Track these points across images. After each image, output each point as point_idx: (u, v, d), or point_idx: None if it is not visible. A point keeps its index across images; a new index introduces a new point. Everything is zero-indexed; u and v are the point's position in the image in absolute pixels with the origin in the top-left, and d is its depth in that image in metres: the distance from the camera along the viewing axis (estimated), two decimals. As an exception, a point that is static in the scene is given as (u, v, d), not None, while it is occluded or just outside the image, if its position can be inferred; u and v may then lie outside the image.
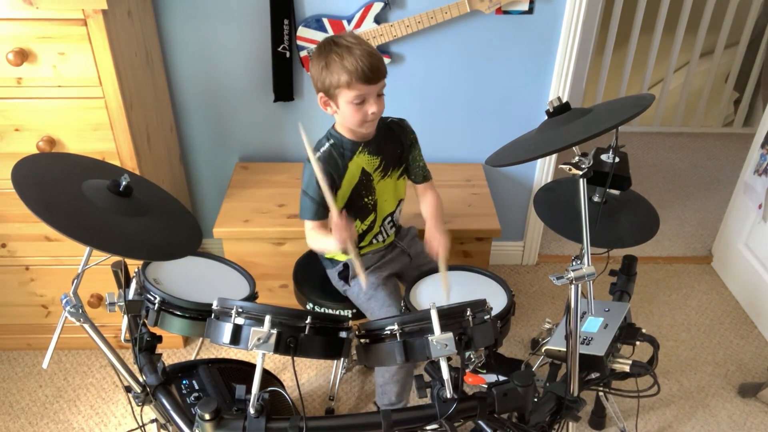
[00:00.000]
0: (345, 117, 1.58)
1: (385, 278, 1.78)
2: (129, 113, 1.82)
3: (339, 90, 1.53)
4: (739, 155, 3.35)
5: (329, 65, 1.51)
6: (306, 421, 1.19)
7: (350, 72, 1.49)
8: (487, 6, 2.09)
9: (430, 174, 1.81)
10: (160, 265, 1.50)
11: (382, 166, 1.71)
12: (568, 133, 1.24)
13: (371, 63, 1.50)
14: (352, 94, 1.52)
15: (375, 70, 1.51)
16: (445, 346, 1.16)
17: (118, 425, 2.03)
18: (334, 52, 1.50)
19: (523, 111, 2.35)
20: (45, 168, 1.28)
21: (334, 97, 1.55)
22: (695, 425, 2.04)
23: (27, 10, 1.61)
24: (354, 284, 1.78)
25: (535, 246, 2.71)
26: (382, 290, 1.74)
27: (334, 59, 1.50)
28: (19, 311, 2.18)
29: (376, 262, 1.80)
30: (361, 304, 1.77)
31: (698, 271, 2.74)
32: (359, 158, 1.66)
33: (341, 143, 1.65)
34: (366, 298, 1.75)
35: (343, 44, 1.51)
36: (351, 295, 1.80)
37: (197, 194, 2.56)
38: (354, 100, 1.53)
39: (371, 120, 1.58)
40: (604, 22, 3.35)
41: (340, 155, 1.64)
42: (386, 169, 1.72)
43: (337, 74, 1.50)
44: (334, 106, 1.58)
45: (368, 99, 1.54)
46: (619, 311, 1.63)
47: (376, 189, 1.72)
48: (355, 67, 1.48)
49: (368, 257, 1.79)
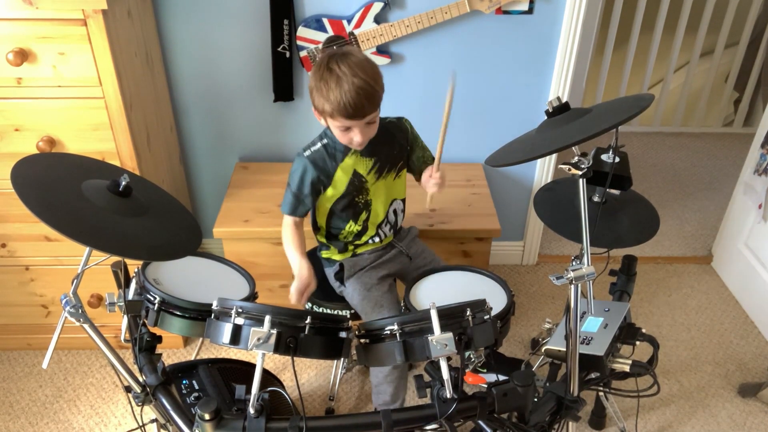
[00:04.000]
0: (335, 134, 1.60)
1: (380, 279, 1.78)
2: (129, 113, 1.82)
3: (324, 114, 1.54)
4: (739, 155, 3.35)
5: (318, 89, 1.50)
6: (306, 421, 1.19)
7: (333, 105, 1.48)
8: (487, 6, 2.09)
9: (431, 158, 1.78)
10: (160, 265, 1.50)
11: (377, 167, 1.70)
12: (567, 133, 1.24)
13: (356, 102, 1.46)
14: (336, 123, 1.53)
15: (359, 108, 1.48)
16: (445, 346, 1.16)
17: (118, 425, 2.03)
18: (324, 80, 1.48)
19: (523, 111, 2.35)
20: (45, 168, 1.28)
21: (323, 115, 1.56)
22: (695, 425, 2.04)
23: (27, 10, 1.61)
24: (349, 284, 1.78)
25: (535, 246, 2.71)
26: (375, 290, 1.75)
27: (321, 87, 1.49)
28: (19, 311, 2.18)
29: (372, 262, 1.80)
30: (355, 305, 1.78)
31: (698, 271, 2.74)
32: (351, 160, 1.66)
33: (334, 144, 1.65)
34: (360, 299, 1.75)
35: (335, 72, 1.47)
36: (346, 295, 1.80)
37: (197, 194, 2.56)
38: (339, 127, 1.54)
39: (357, 145, 1.59)
40: (604, 22, 3.34)
41: (330, 156, 1.65)
42: (381, 171, 1.72)
43: (321, 101, 1.50)
44: (323, 122, 1.60)
45: (353, 129, 1.54)
46: (619, 311, 1.63)
47: (370, 190, 1.72)
48: (339, 101, 1.46)
49: (364, 257, 1.79)
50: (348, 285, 1.78)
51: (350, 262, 1.78)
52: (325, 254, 1.83)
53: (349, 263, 1.78)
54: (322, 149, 1.65)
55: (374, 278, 1.77)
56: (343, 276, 1.78)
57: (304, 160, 1.64)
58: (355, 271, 1.78)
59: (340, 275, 1.79)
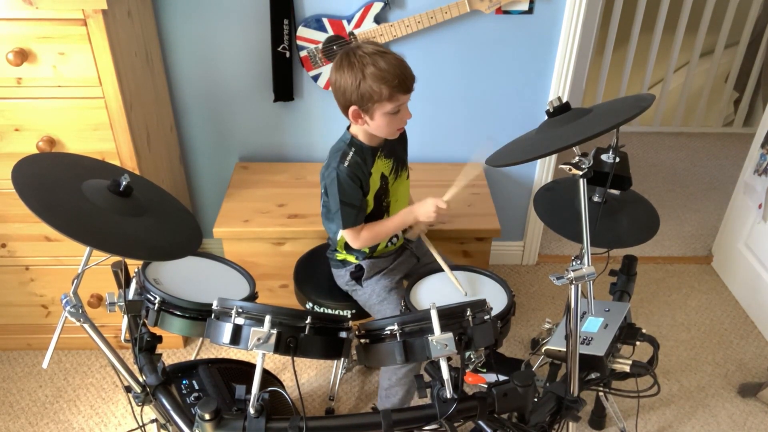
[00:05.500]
0: (378, 127, 1.56)
1: (397, 282, 1.78)
2: (129, 113, 1.82)
3: (379, 103, 1.50)
4: (739, 155, 3.34)
5: (365, 78, 1.46)
6: (306, 421, 1.19)
7: (392, 82, 1.46)
8: (487, 6, 2.09)
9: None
10: (160, 265, 1.50)
11: (395, 168, 1.71)
12: (568, 134, 1.24)
13: (407, 71, 1.48)
14: (391, 105, 1.50)
15: (411, 78, 1.50)
16: (445, 346, 1.16)
17: (118, 425, 2.03)
18: (371, 64, 1.45)
19: (523, 111, 2.35)
20: (45, 168, 1.28)
21: (370, 110, 1.52)
22: (695, 425, 2.04)
23: (27, 10, 1.61)
24: (367, 286, 1.77)
25: (535, 246, 2.71)
26: (395, 294, 1.74)
27: (370, 73, 1.46)
28: (19, 311, 2.18)
29: (389, 264, 1.80)
30: (371, 307, 1.77)
31: (698, 271, 2.74)
32: (379, 163, 1.66)
33: (362, 150, 1.62)
34: (378, 300, 1.74)
35: (375, 53, 1.46)
36: (361, 296, 1.79)
37: (197, 194, 2.56)
38: (392, 111, 1.51)
39: (402, 127, 1.59)
40: (604, 22, 3.35)
41: (363, 162, 1.62)
42: (397, 171, 1.73)
43: (377, 86, 1.46)
44: (366, 118, 1.55)
45: (403, 108, 1.54)
46: (619, 311, 1.63)
47: (391, 192, 1.73)
48: (396, 75, 1.46)
49: (381, 261, 1.79)
50: (366, 286, 1.77)
51: (369, 263, 1.76)
52: (339, 257, 1.81)
53: (368, 264, 1.76)
54: (356, 156, 1.61)
55: (393, 281, 1.77)
56: (360, 276, 1.77)
57: (345, 170, 1.58)
58: (374, 273, 1.77)
59: (357, 275, 1.77)
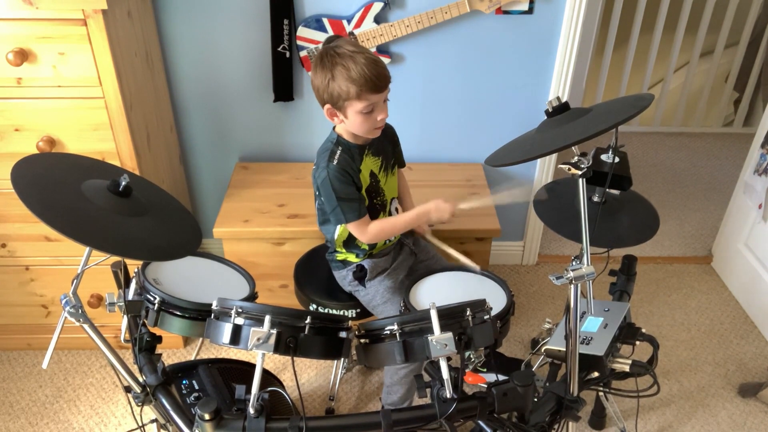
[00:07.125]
0: (354, 126, 1.57)
1: (400, 282, 1.78)
2: (129, 113, 1.82)
3: (348, 102, 1.51)
4: (739, 155, 3.35)
5: (334, 77, 1.49)
6: (306, 421, 1.19)
7: (359, 82, 1.47)
8: (487, 6, 2.09)
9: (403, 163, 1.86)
10: (159, 265, 1.50)
11: (384, 165, 1.72)
12: (567, 133, 1.24)
13: (378, 71, 1.48)
14: (361, 105, 1.51)
15: (382, 77, 1.50)
16: (445, 346, 1.16)
17: (118, 425, 2.03)
18: (340, 64, 1.48)
19: (523, 111, 2.35)
20: (45, 168, 1.28)
21: (343, 108, 1.53)
22: (695, 425, 2.04)
23: (27, 10, 1.61)
24: (370, 286, 1.77)
25: (535, 246, 2.71)
26: (399, 295, 1.74)
27: (338, 72, 1.48)
28: (19, 311, 2.18)
29: (391, 264, 1.80)
30: (374, 307, 1.77)
31: (698, 271, 2.74)
32: (367, 161, 1.67)
33: (349, 148, 1.64)
34: (382, 301, 1.74)
35: (345, 54, 1.48)
36: (364, 297, 1.78)
37: (197, 194, 2.56)
38: (363, 110, 1.52)
39: (380, 126, 1.59)
40: (604, 22, 3.34)
41: (351, 159, 1.63)
42: (386, 168, 1.73)
43: (344, 85, 1.48)
44: (341, 116, 1.56)
45: (377, 107, 1.54)
46: (618, 311, 1.63)
47: (383, 189, 1.73)
48: (363, 75, 1.46)
49: (382, 260, 1.79)
50: (369, 286, 1.77)
51: (371, 263, 1.76)
52: (340, 257, 1.81)
53: (370, 264, 1.76)
54: (344, 154, 1.62)
55: (397, 281, 1.77)
56: (363, 276, 1.76)
57: (334, 167, 1.59)
58: (377, 273, 1.77)
59: (360, 275, 1.77)
